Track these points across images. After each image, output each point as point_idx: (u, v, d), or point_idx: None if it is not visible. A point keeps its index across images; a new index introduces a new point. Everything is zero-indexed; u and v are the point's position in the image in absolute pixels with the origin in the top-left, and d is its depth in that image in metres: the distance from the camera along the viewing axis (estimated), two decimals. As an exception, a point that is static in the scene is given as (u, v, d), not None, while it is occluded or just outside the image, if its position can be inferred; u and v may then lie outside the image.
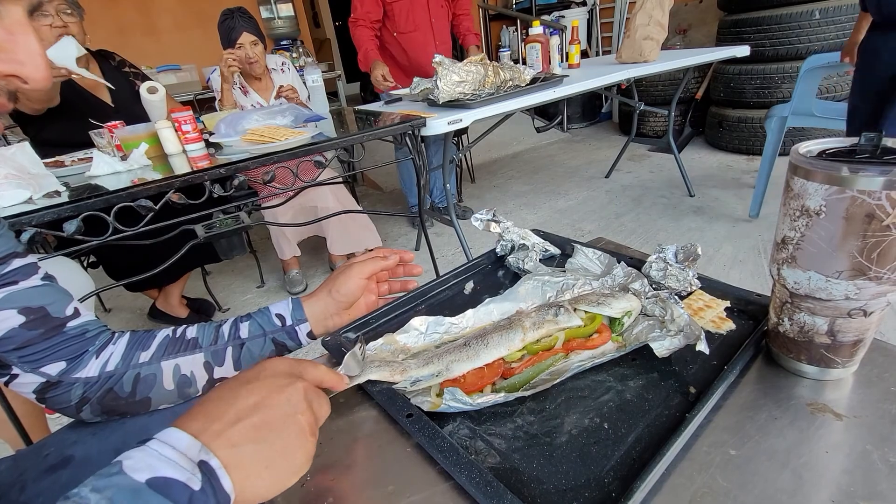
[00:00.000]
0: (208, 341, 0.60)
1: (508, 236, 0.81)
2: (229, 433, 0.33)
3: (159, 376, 0.58)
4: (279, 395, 0.37)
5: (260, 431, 0.34)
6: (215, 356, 0.59)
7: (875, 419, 0.45)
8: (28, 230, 1.08)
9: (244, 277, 2.50)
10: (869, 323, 0.47)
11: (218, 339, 0.60)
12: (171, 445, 0.31)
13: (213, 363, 0.59)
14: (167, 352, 0.58)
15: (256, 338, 0.61)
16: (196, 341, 0.59)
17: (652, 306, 0.59)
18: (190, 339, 0.59)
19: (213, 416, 0.34)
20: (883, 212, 0.40)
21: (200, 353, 0.59)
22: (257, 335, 0.61)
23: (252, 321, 0.62)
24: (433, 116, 1.65)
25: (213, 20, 2.13)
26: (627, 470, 0.42)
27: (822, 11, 2.78)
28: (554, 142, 4.37)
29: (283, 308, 0.63)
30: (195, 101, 3.22)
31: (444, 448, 0.44)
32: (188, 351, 0.59)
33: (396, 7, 2.35)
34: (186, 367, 0.59)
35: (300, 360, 0.44)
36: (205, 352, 0.59)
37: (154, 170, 1.40)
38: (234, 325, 0.61)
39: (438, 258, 2.18)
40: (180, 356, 0.58)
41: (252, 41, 2.07)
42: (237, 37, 2.04)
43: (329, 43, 6.13)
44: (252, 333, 0.61)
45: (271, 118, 1.64)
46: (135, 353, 0.58)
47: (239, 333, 0.61)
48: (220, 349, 0.60)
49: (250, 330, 0.61)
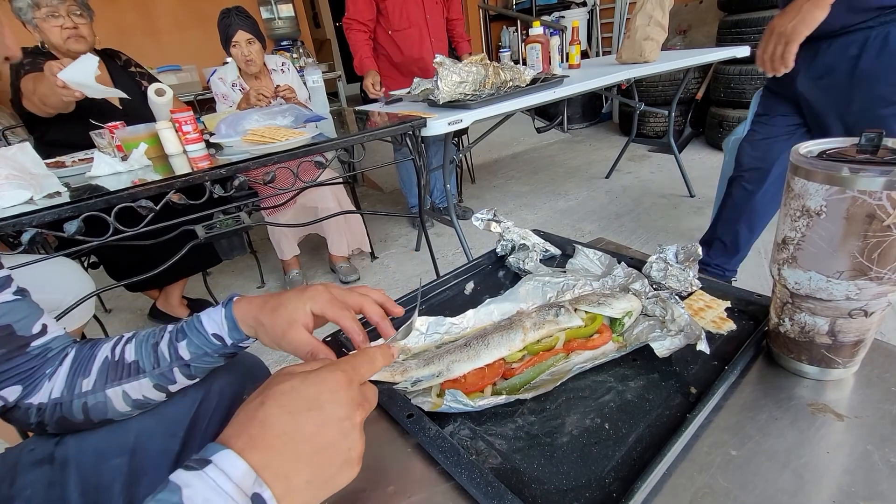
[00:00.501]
0: (150, 365, 0.56)
1: (509, 236, 0.81)
2: (285, 467, 0.33)
3: (109, 403, 0.56)
4: (338, 432, 0.36)
5: (316, 469, 0.35)
6: (163, 378, 0.57)
7: (876, 419, 0.45)
8: (29, 230, 1.08)
9: (244, 278, 2.50)
10: (870, 323, 0.47)
11: (160, 361, 0.56)
12: (228, 475, 0.31)
13: (164, 384, 0.57)
14: (109, 378, 0.56)
15: (201, 357, 0.57)
16: (137, 365, 0.56)
17: (652, 306, 0.59)
18: (130, 364, 0.56)
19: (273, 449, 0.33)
20: (884, 212, 0.40)
21: (146, 378, 0.56)
22: (200, 355, 0.56)
23: (189, 341, 0.56)
24: (433, 117, 1.65)
25: (214, 21, 2.13)
26: (628, 470, 0.42)
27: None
28: (554, 142, 4.36)
29: (218, 327, 0.56)
30: (195, 101, 3.22)
31: (445, 448, 0.44)
32: (131, 377, 0.56)
33: (389, 4, 2.33)
34: (135, 392, 0.56)
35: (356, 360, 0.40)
36: (149, 376, 0.56)
37: (154, 170, 1.40)
38: (171, 345, 0.57)
39: (439, 258, 2.18)
40: (125, 383, 0.56)
41: (248, 39, 2.07)
42: (233, 34, 2.04)
43: (329, 43, 6.13)
44: (194, 354, 0.56)
45: (272, 118, 1.64)
46: (77, 380, 0.55)
47: (179, 354, 0.56)
48: (166, 371, 0.56)
49: (191, 351, 0.56)
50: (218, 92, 2.20)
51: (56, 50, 1.66)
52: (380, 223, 2.98)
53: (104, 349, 0.58)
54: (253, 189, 1.98)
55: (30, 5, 1.56)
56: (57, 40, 1.62)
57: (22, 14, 1.59)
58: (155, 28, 3.88)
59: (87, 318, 1.55)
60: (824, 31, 1.24)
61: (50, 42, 1.64)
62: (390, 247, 2.67)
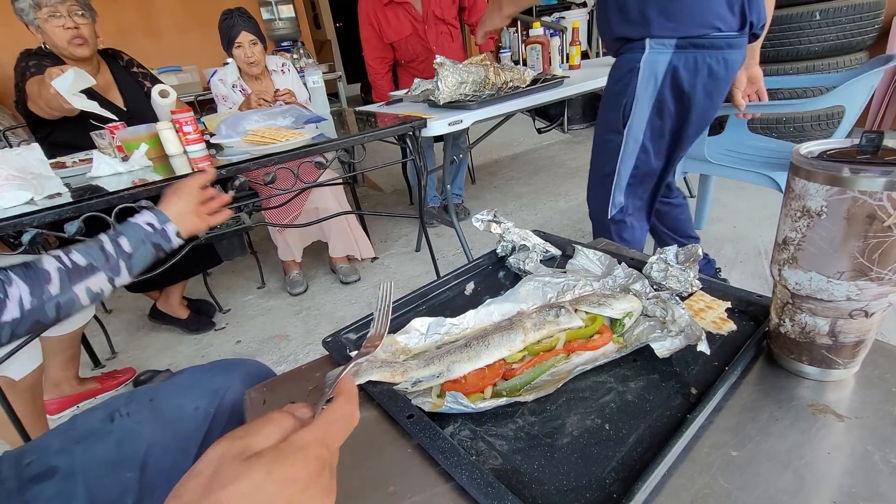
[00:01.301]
0: (102, 262, 0.73)
1: (509, 237, 0.81)
2: None
3: (76, 300, 0.70)
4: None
5: None
6: (113, 271, 0.74)
7: (876, 420, 0.45)
8: (29, 231, 1.08)
9: (245, 278, 2.50)
10: (870, 324, 0.47)
11: (108, 258, 0.73)
12: None
13: (113, 276, 0.75)
14: (73, 280, 0.69)
15: (139, 247, 0.77)
16: (93, 266, 0.72)
17: (653, 307, 0.59)
18: (86, 266, 0.71)
19: None
20: (884, 212, 0.40)
21: (102, 273, 0.73)
22: (139, 244, 0.76)
23: (128, 235, 0.76)
24: (433, 117, 1.65)
25: (214, 22, 2.13)
26: (629, 471, 0.42)
27: (823, 12, 2.78)
28: (554, 143, 4.36)
29: (149, 217, 0.80)
30: (196, 102, 3.22)
31: (446, 449, 0.44)
32: (91, 274, 0.72)
33: (396, 44, 2.51)
34: (95, 286, 0.72)
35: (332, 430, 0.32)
36: (104, 270, 0.73)
37: (155, 171, 1.40)
38: (114, 242, 0.75)
39: (439, 259, 2.18)
40: (87, 280, 0.71)
41: (251, 41, 2.08)
42: (236, 35, 2.04)
43: (330, 44, 6.13)
44: (134, 245, 0.76)
45: (272, 119, 1.64)
46: (42, 287, 0.67)
47: (123, 249, 0.75)
48: (114, 265, 0.74)
49: (131, 243, 0.76)
50: (218, 93, 2.21)
51: (58, 51, 1.66)
52: (380, 223, 2.98)
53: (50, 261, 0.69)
54: (253, 190, 1.98)
55: (31, 6, 1.56)
56: (59, 41, 1.61)
57: (24, 15, 1.59)
58: (155, 29, 3.89)
59: (88, 319, 1.55)
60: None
61: (52, 43, 1.63)
62: (391, 247, 2.67)
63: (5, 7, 1.68)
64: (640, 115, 1.30)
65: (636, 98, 1.28)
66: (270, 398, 0.60)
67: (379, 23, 2.42)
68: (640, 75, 1.25)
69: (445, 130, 1.65)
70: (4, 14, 1.94)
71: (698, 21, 1.17)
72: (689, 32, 1.18)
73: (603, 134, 1.42)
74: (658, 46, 1.22)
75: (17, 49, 1.69)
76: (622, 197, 1.43)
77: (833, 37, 2.82)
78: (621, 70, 1.31)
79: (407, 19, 2.42)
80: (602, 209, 1.49)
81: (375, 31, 2.45)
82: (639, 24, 1.22)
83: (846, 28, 2.78)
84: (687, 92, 1.25)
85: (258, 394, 0.60)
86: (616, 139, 1.37)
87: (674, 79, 1.24)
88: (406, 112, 1.83)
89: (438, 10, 2.42)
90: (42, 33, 1.62)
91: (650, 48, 1.22)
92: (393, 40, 2.47)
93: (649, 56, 1.23)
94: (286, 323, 2.06)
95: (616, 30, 1.29)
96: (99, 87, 1.78)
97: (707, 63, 1.22)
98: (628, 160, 1.38)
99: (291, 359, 1.83)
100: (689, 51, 1.20)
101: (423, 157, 1.75)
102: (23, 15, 1.59)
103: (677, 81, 1.24)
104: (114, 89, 1.82)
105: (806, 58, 2.92)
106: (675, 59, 1.21)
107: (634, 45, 1.25)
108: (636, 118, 1.31)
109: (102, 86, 1.79)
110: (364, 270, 2.41)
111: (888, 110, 3.10)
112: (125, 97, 1.83)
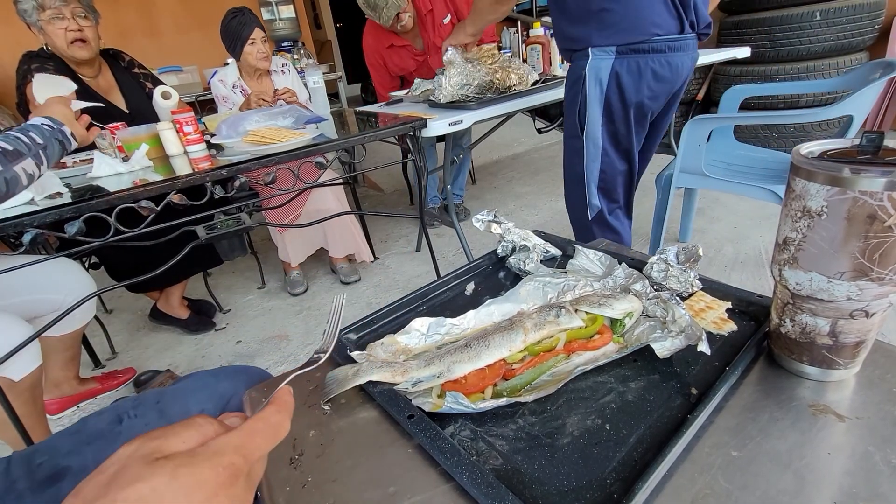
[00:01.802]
0: (26, 149, 0.88)
1: (509, 237, 0.81)
2: None
3: (19, 178, 0.87)
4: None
5: None
6: (36, 158, 0.90)
7: (877, 420, 0.45)
8: (30, 231, 1.08)
9: (245, 279, 2.50)
10: (871, 324, 0.47)
11: (29, 147, 0.89)
12: None
13: (38, 163, 0.90)
14: (9, 161, 0.85)
15: (49, 142, 0.94)
16: (19, 152, 0.87)
17: (653, 307, 0.59)
18: (14, 150, 0.86)
19: None
20: (885, 213, 0.40)
21: (29, 158, 0.88)
22: (48, 140, 0.93)
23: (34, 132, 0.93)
24: (434, 118, 1.65)
25: (214, 22, 2.14)
26: (629, 471, 0.42)
27: (823, 13, 2.78)
28: (555, 143, 4.36)
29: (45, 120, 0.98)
30: (196, 102, 3.22)
31: (446, 449, 0.44)
32: (21, 158, 0.87)
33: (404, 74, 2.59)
34: (29, 168, 0.88)
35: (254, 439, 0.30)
36: (30, 156, 0.89)
37: (155, 171, 1.40)
38: (27, 135, 0.91)
39: (439, 259, 2.18)
40: (20, 162, 0.86)
41: (263, 38, 2.10)
42: (250, 32, 2.05)
43: (330, 44, 6.14)
44: (45, 140, 0.93)
45: (272, 119, 1.64)
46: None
47: (37, 141, 0.92)
48: (36, 154, 0.90)
49: (42, 138, 0.93)
50: (218, 94, 2.21)
51: (59, 53, 1.66)
52: (380, 224, 2.98)
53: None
54: (254, 190, 1.98)
55: (35, 7, 1.56)
56: (60, 43, 1.61)
57: (27, 16, 1.59)
58: (156, 29, 3.89)
59: (89, 319, 1.55)
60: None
61: (54, 45, 1.63)
62: (391, 247, 2.67)
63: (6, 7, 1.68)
64: (594, 119, 1.35)
65: (587, 103, 1.33)
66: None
67: (384, 60, 2.53)
68: (587, 81, 1.30)
69: (446, 131, 1.65)
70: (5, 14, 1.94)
71: (635, 28, 1.21)
72: (627, 39, 1.23)
73: (567, 139, 1.48)
74: (600, 53, 1.27)
75: (17, 49, 1.69)
76: (597, 199, 1.47)
77: (833, 37, 2.82)
78: (571, 77, 1.37)
79: (409, 57, 2.53)
80: (581, 213, 1.53)
81: (381, 65, 2.55)
82: (581, 35, 1.27)
83: (846, 28, 2.78)
84: (631, 96, 1.29)
85: (258, 394, 0.60)
86: (578, 144, 1.42)
87: (618, 83, 1.28)
88: (406, 112, 1.83)
89: (439, 39, 2.47)
90: (44, 35, 1.62)
91: (593, 55, 1.28)
92: (399, 74, 2.60)
93: (592, 62, 1.28)
94: (286, 323, 2.06)
95: (563, 40, 1.36)
96: (101, 89, 1.78)
97: (650, 66, 1.26)
98: (592, 163, 1.42)
99: (292, 359, 1.83)
100: (630, 56, 1.25)
101: (423, 157, 1.75)
102: (25, 16, 1.59)
103: (620, 86, 1.28)
104: (116, 91, 1.82)
105: (806, 58, 2.93)
106: (616, 64, 1.26)
107: (580, 53, 1.31)
108: (590, 123, 1.36)
109: (104, 87, 1.79)
110: (364, 271, 2.41)
111: (888, 111, 3.11)
112: (127, 98, 1.83)
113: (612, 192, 1.49)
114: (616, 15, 1.20)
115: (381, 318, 0.69)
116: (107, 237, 1.18)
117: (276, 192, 1.59)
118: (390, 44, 2.48)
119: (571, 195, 1.55)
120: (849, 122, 1.52)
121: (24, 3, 1.56)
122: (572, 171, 1.49)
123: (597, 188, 1.45)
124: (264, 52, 2.12)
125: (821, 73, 2.89)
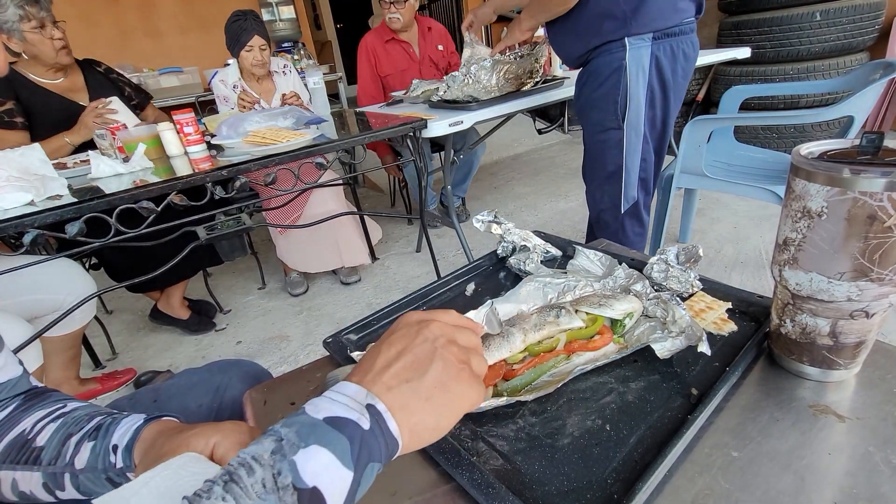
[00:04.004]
0: (49, 459, 0.52)
1: (510, 238, 0.81)
2: (383, 379, 0.36)
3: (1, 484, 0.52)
4: (417, 337, 0.39)
5: (409, 371, 0.37)
6: (52, 479, 0.51)
7: (878, 421, 0.45)
8: (30, 232, 1.08)
9: (245, 279, 2.50)
10: (871, 324, 0.47)
11: (58, 458, 0.52)
12: (342, 392, 0.35)
13: (53, 486, 0.52)
14: (10, 458, 0.52)
15: (88, 472, 0.51)
16: (39, 454, 0.52)
17: (653, 308, 0.59)
18: (35, 449, 0.52)
19: (365, 369, 0.37)
20: (884, 213, 0.40)
21: (38, 473, 0.51)
22: (89, 470, 0.51)
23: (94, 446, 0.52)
24: (434, 118, 1.65)
25: (215, 23, 2.14)
26: (629, 471, 0.42)
27: (823, 13, 2.78)
28: (555, 143, 4.36)
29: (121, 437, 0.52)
30: (197, 103, 3.22)
31: (446, 450, 0.44)
32: (28, 465, 0.52)
33: (390, 77, 2.60)
34: (24, 484, 0.52)
35: (431, 310, 0.43)
36: (42, 471, 0.51)
37: (156, 172, 1.40)
38: (77, 444, 0.52)
39: (439, 259, 2.18)
40: (19, 470, 0.52)
41: (261, 45, 2.09)
42: (248, 39, 2.05)
43: (330, 45, 6.14)
44: (88, 465, 0.51)
45: (273, 120, 1.64)
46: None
47: (75, 459, 0.51)
48: (58, 472, 0.51)
49: (87, 460, 0.51)
50: (219, 94, 2.21)
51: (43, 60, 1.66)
52: (381, 224, 2.98)
53: (31, 418, 0.54)
54: (254, 190, 1.98)
55: (20, 17, 1.55)
56: (48, 51, 1.62)
57: (5, 26, 1.57)
58: (156, 30, 3.89)
59: (89, 319, 1.55)
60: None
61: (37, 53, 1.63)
62: (391, 248, 2.67)
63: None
64: (636, 108, 1.37)
65: (629, 93, 1.35)
66: (271, 399, 0.60)
67: (377, 56, 2.56)
68: (628, 71, 1.33)
69: (446, 131, 1.65)
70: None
71: (668, 14, 1.28)
72: (664, 25, 1.29)
73: (598, 134, 1.47)
74: (637, 41, 1.30)
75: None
76: (635, 191, 1.48)
77: (833, 37, 2.82)
78: (604, 71, 1.37)
79: (404, 56, 2.58)
80: (613, 207, 1.53)
81: (370, 65, 2.58)
82: (611, 28, 1.30)
83: (846, 29, 2.78)
84: (669, 78, 1.36)
85: (259, 394, 0.61)
86: (615, 136, 1.42)
87: (658, 68, 1.33)
88: (406, 113, 1.83)
89: (434, 55, 2.62)
90: (25, 44, 1.61)
91: (630, 45, 1.31)
92: (387, 73, 2.59)
93: (632, 51, 1.31)
94: (287, 323, 2.06)
95: (586, 41, 1.37)
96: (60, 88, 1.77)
97: (682, 48, 1.35)
98: (633, 154, 1.43)
99: (292, 359, 1.83)
100: (665, 40, 1.31)
101: (423, 157, 1.75)
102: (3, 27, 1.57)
103: (661, 70, 1.34)
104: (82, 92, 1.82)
105: (806, 58, 2.93)
106: (655, 49, 1.31)
107: (612, 46, 1.33)
108: (633, 112, 1.37)
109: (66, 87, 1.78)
110: (365, 271, 2.41)
111: (888, 111, 3.11)
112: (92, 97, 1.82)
113: (648, 182, 1.51)
114: (650, 6, 1.26)
115: (381, 319, 0.69)
116: (107, 238, 1.18)
117: (276, 193, 1.59)
118: (391, 37, 2.52)
119: (603, 192, 1.54)
120: (849, 122, 1.52)
121: (4, 15, 1.55)
122: (603, 167, 1.49)
123: (636, 180, 1.47)
124: (260, 59, 2.11)
125: (821, 73, 2.88)
